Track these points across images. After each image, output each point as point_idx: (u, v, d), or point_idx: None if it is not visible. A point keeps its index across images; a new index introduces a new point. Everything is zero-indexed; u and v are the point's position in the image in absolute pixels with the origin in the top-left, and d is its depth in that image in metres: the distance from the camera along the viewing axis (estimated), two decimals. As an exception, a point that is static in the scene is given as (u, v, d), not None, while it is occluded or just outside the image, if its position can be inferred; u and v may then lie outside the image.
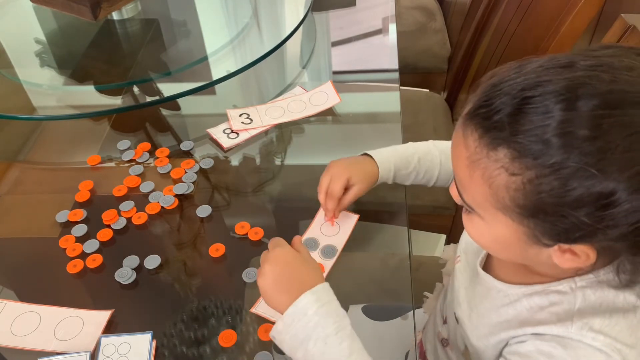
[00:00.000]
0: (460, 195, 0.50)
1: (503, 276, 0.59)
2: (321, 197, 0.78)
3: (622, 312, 0.48)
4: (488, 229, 0.49)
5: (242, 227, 0.82)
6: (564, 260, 0.47)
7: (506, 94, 0.43)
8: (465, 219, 0.53)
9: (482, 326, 0.59)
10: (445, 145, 0.83)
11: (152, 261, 0.78)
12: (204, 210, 0.85)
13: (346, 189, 0.78)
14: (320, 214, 0.84)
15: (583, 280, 0.50)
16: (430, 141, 0.84)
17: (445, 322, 0.71)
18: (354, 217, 0.83)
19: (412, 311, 0.73)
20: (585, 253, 0.45)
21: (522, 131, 0.42)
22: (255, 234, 0.81)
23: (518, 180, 0.43)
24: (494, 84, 0.45)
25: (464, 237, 0.67)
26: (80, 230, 0.83)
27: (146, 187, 0.90)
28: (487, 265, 0.62)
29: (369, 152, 0.81)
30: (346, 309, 0.74)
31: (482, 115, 0.44)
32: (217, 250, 0.79)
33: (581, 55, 0.43)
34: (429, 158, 0.82)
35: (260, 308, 0.72)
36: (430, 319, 0.79)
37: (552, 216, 0.43)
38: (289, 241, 0.81)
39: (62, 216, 0.85)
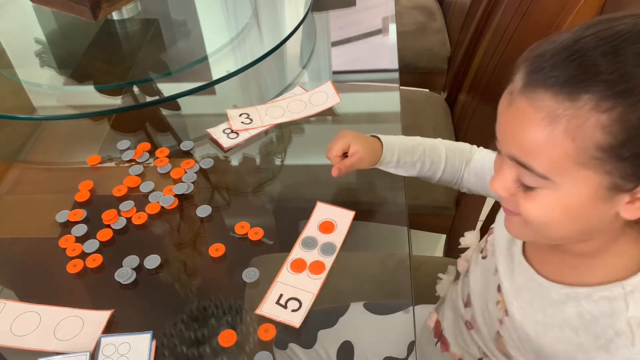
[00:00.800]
0: (531, 169, 0.49)
1: (540, 268, 0.59)
2: (328, 154, 0.84)
3: None
4: (559, 197, 0.49)
5: (242, 227, 0.82)
6: (633, 211, 0.48)
7: (565, 48, 0.46)
8: (525, 201, 0.52)
9: (527, 322, 0.59)
10: (451, 144, 0.85)
11: (152, 261, 0.78)
12: (204, 210, 0.85)
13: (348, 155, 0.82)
14: (317, 212, 0.84)
15: (630, 284, 0.51)
16: (438, 139, 0.86)
17: (467, 305, 0.72)
18: (350, 214, 0.83)
19: (409, 306, 0.73)
20: None
21: (602, 71, 0.43)
22: (255, 234, 0.81)
23: (606, 118, 0.44)
24: (542, 51, 0.48)
25: (501, 229, 0.66)
26: (80, 230, 0.83)
27: (146, 187, 0.90)
28: (524, 254, 0.63)
29: (376, 134, 0.84)
30: (348, 306, 0.75)
31: (550, 74, 0.46)
32: (217, 250, 0.79)
33: (611, 16, 0.47)
34: (436, 152, 0.83)
35: (265, 309, 0.72)
36: (448, 300, 0.79)
37: (638, 147, 0.44)
38: (288, 242, 0.81)
39: (62, 216, 0.85)
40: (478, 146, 0.87)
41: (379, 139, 0.83)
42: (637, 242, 0.53)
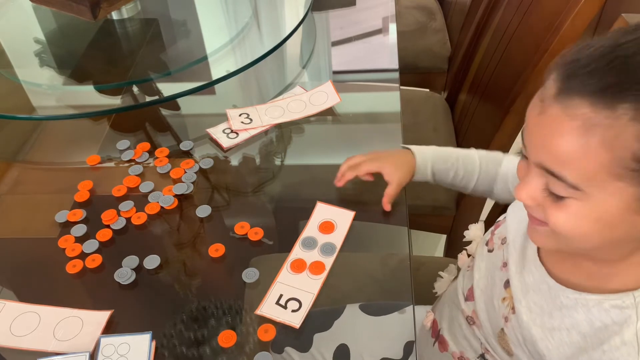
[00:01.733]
0: (562, 179, 0.47)
1: (552, 269, 0.59)
2: (344, 167, 0.86)
3: None
4: (590, 209, 0.47)
5: (242, 227, 0.82)
6: None
7: (603, 55, 0.44)
8: (554, 210, 0.50)
9: (534, 324, 0.58)
10: (484, 152, 0.87)
11: (152, 261, 0.78)
12: (203, 210, 0.85)
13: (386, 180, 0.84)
14: (317, 212, 0.84)
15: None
16: (472, 149, 0.88)
17: (467, 299, 0.71)
18: (350, 214, 0.83)
19: (408, 306, 0.73)
20: None
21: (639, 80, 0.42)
22: (255, 234, 0.81)
23: None
24: (578, 57, 0.46)
25: (515, 225, 0.66)
26: (79, 230, 0.83)
27: (146, 187, 0.89)
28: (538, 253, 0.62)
29: (408, 145, 0.87)
30: (343, 308, 0.74)
31: (586, 81, 0.44)
32: (217, 250, 0.79)
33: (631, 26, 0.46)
34: (469, 160, 0.85)
35: (265, 309, 0.72)
36: (446, 297, 0.78)
37: None
38: (288, 242, 0.81)
39: (62, 216, 0.85)
40: (478, 147, 0.87)
41: (409, 149, 0.86)
42: None
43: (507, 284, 0.64)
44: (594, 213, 0.47)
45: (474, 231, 0.77)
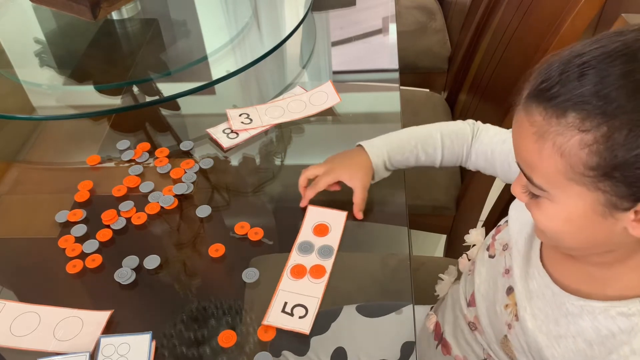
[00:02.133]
0: (530, 180, 0.50)
1: (556, 276, 0.59)
2: (302, 184, 0.85)
3: None
4: (559, 209, 0.49)
5: (242, 227, 0.82)
6: None
7: (563, 64, 0.46)
8: (533, 208, 0.53)
9: (539, 331, 0.58)
10: (450, 129, 0.85)
11: (152, 261, 0.78)
12: (203, 210, 0.85)
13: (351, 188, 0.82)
14: (309, 216, 0.84)
15: None
16: (436, 124, 0.86)
17: (470, 304, 0.71)
18: (343, 215, 0.83)
19: (405, 307, 0.73)
20: None
21: (588, 92, 0.43)
22: (255, 234, 0.81)
23: (591, 137, 0.44)
24: (548, 63, 0.48)
25: (517, 228, 0.66)
26: (79, 230, 0.83)
27: (146, 187, 0.89)
28: (540, 259, 0.62)
29: (362, 143, 0.85)
30: (340, 310, 0.74)
31: (544, 89, 0.46)
32: (216, 250, 0.79)
33: (621, 29, 0.46)
34: (430, 142, 0.84)
35: (272, 319, 0.71)
36: (448, 301, 0.78)
37: (628, 170, 0.43)
38: (288, 242, 0.81)
39: (62, 216, 0.85)
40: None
41: (364, 148, 0.84)
42: None
43: (509, 290, 0.64)
44: (563, 214, 0.49)
45: (475, 236, 0.77)
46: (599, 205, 0.47)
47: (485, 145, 0.82)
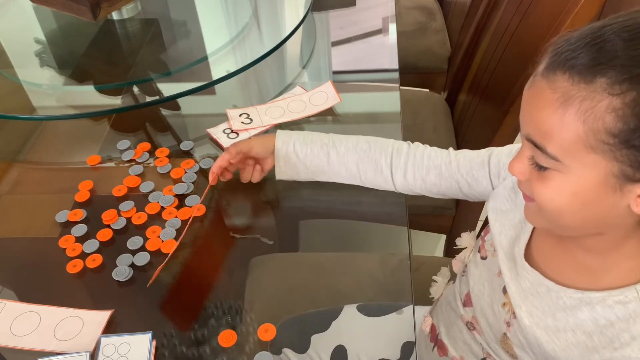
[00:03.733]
0: (543, 150, 0.49)
1: (548, 272, 0.59)
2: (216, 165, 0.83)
3: None
4: (569, 180, 0.49)
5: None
6: None
7: (590, 34, 0.46)
8: (536, 183, 0.52)
9: (537, 327, 0.58)
10: (377, 138, 0.82)
11: (142, 258, 0.78)
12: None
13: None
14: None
15: None
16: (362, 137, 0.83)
17: (465, 305, 0.71)
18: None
19: (406, 307, 0.73)
20: None
21: (618, 56, 0.44)
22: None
23: (619, 102, 0.44)
24: (568, 37, 0.48)
25: (497, 232, 0.66)
26: (80, 230, 0.83)
27: (146, 187, 0.90)
28: (527, 257, 0.62)
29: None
30: (341, 309, 0.74)
31: (569, 56, 0.47)
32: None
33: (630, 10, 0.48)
34: (344, 141, 0.81)
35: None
36: (443, 302, 0.78)
37: None
38: (288, 242, 0.81)
39: (62, 216, 0.85)
40: (478, 147, 0.85)
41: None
42: None
43: (505, 289, 0.64)
44: (573, 186, 0.49)
45: (466, 239, 0.78)
46: (611, 176, 0.47)
47: (435, 159, 0.79)
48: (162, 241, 0.80)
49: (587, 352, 0.54)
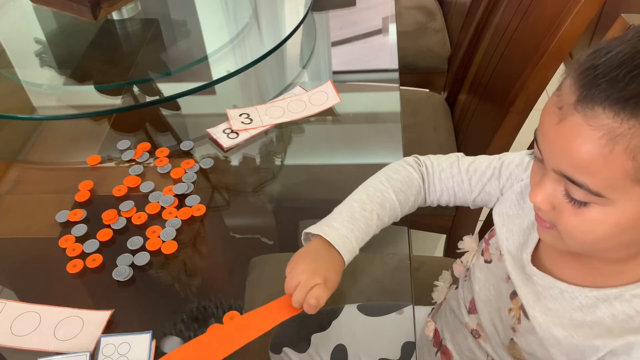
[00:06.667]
0: (584, 186, 0.47)
1: (560, 275, 0.58)
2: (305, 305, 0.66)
3: None
4: (612, 213, 0.47)
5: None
6: None
7: (622, 64, 0.43)
8: (570, 216, 0.50)
9: (554, 326, 0.58)
10: (399, 183, 0.76)
11: (142, 258, 0.78)
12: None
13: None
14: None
15: None
16: (384, 180, 0.76)
17: (470, 312, 0.71)
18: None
19: (406, 307, 0.73)
20: None
21: None
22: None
23: None
24: (596, 63, 0.45)
25: (504, 237, 0.66)
26: (80, 230, 0.83)
27: (146, 187, 0.90)
28: (535, 261, 0.62)
29: (322, 231, 0.69)
30: (341, 308, 0.75)
31: (608, 90, 0.44)
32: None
33: None
34: (387, 206, 0.75)
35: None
36: (446, 308, 0.78)
37: None
38: (288, 242, 0.81)
39: (62, 216, 0.85)
40: (478, 147, 0.85)
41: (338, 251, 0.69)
42: None
43: (513, 295, 0.63)
44: (615, 218, 0.47)
45: (469, 243, 0.77)
46: None
47: (447, 181, 0.77)
48: (163, 241, 0.80)
49: (610, 341, 0.53)
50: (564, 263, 0.59)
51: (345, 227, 0.70)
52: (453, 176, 0.76)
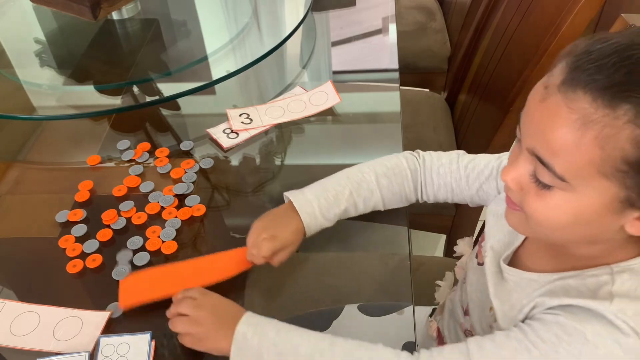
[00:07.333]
0: (550, 168, 0.47)
1: (532, 267, 0.59)
2: (254, 257, 0.72)
3: None
4: (573, 202, 0.48)
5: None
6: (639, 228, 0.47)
7: (619, 51, 0.44)
8: (534, 199, 0.50)
9: (514, 311, 0.58)
10: (384, 168, 0.78)
11: (142, 258, 0.79)
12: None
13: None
14: None
15: (619, 266, 0.51)
16: (371, 165, 0.78)
17: (466, 313, 0.71)
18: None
19: (407, 307, 0.73)
20: None
21: None
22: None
23: None
24: (589, 49, 0.45)
25: (492, 235, 0.66)
26: (80, 230, 0.83)
27: (146, 187, 0.89)
28: (515, 261, 0.62)
29: (293, 198, 0.75)
30: (342, 308, 0.74)
31: (593, 76, 0.44)
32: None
33: None
34: (365, 186, 0.76)
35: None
36: (447, 308, 0.78)
37: None
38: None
39: (62, 216, 0.85)
40: (478, 147, 0.86)
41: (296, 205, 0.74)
42: (634, 254, 0.53)
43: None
44: (576, 207, 0.48)
45: (462, 246, 0.77)
46: (616, 201, 0.46)
47: (445, 177, 0.77)
48: (162, 242, 0.80)
49: (548, 297, 0.54)
50: (541, 260, 0.59)
51: (312, 194, 0.75)
52: (451, 172, 0.77)
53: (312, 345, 0.61)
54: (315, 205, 0.74)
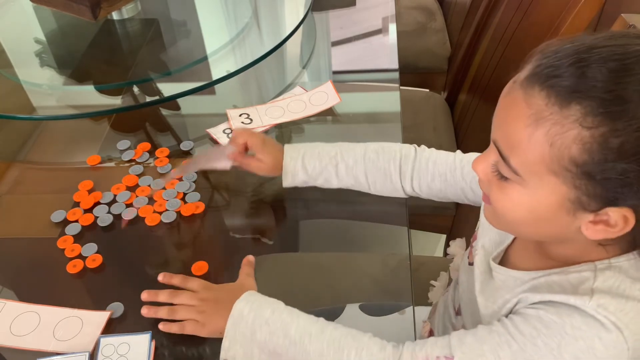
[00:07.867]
0: (506, 161, 0.49)
1: (520, 266, 0.60)
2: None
3: (637, 301, 0.49)
4: (527, 197, 0.49)
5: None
6: (594, 232, 0.48)
7: (577, 53, 0.45)
8: (497, 191, 0.52)
9: (497, 306, 0.59)
10: (382, 144, 0.80)
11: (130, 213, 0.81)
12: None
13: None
14: None
15: (603, 264, 0.51)
16: (368, 143, 0.81)
17: (458, 313, 0.71)
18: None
19: (409, 307, 0.73)
20: (623, 219, 0.46)
21: (599, 88, 0.43)
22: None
23: (588, 135, 0.43)
24: (557, 48, 0.47)
25: (484, 234, 0.66)
26: (79, 230, 0.83)
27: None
28: (504, 261, 0.63)
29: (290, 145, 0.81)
30: (343, 308, 0.75)
31: (552, 74, 0.45)
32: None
33: (625, 30, 0.46)
34: (351, 153, 0.79)
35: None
36: (439, 308, 0.78)
37: (611, 175, 0.44)
38: (288, 242, 0.81)
39: (62, 216, 0.85)
40: (478, 147, 0.85)
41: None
42: (617, 252, 0.52)
43: None
44: (529, 202, 0.49)
45: (454, 248, 0.78)
46: (567, 201, 0.47)
47: (440, 166, 0.78)
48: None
49: (531, 293, 0.55)
50: (529, 259, 0.60)
51: (304, 146, 0.81)
52: (447, 162, 0.78)
53: (302, 328, 0.62)
54: (302, 151, 0.79)
